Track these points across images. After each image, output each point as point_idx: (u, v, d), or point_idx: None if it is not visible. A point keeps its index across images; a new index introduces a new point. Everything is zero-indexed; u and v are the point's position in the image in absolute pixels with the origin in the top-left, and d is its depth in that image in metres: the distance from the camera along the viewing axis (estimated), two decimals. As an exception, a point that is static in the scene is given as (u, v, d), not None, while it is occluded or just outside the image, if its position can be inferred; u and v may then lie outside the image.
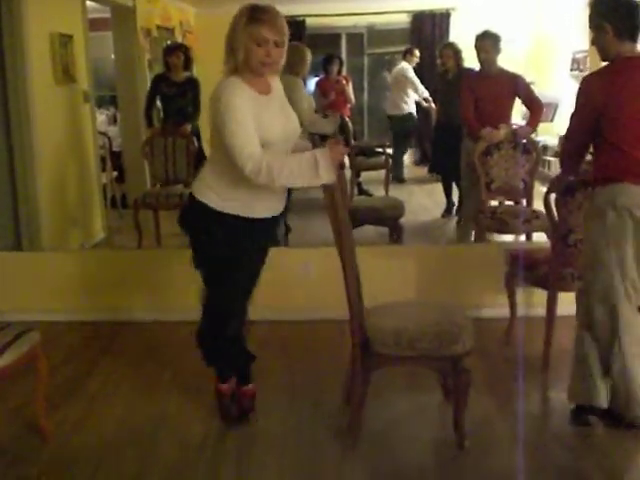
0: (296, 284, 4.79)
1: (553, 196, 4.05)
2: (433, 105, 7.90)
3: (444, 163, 6.70)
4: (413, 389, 3.92)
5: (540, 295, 4.25)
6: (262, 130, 3.13)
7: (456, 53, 6.51)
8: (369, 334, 3.24)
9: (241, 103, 3.08)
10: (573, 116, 3.43)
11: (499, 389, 3.91)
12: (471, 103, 5.63)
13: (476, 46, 5.62)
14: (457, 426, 3.32)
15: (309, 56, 5.80)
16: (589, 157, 3.58)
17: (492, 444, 3.39)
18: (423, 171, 8.42)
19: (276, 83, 3.36)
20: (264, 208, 3.32)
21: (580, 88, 3.39)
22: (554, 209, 4.05)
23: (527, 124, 5.68)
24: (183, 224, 3.43)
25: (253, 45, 3.10)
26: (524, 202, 5.53)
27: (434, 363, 3.31)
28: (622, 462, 3.28)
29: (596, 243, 3.40)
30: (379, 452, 3.32)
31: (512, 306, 4.54)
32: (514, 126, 5.59)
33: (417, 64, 8.34)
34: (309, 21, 8.54)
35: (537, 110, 5.66)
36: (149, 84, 7.15)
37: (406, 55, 8.40)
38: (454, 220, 6.69)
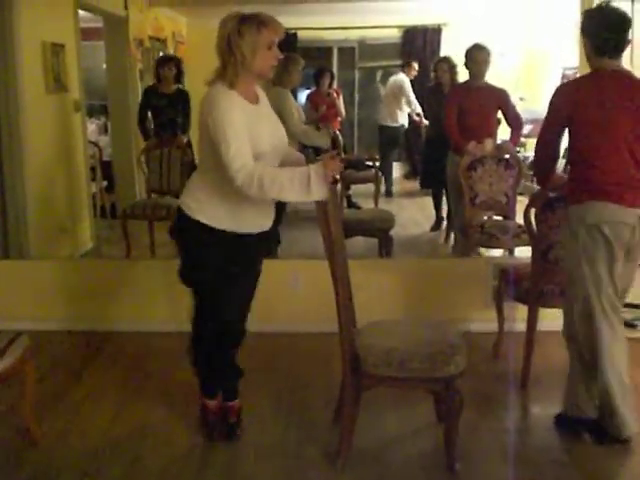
0: (284, 296, 4.78)
1: (534, 211, 4.06)
2: (425, 120, 7.93)
3: (434, 177, 6.71)
4: (405, 407, 3.86)
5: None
6: (254, 141, 3.12)
7: (451, 68, 6.51)
8: (359, 353, 3.17)
9: (236, 113, 3.07)
10: (543, 123, 3.48)
11: (486, 404, 3.90)
12: (455, 116, 5.66)
13: (467, 58, 5.66)
14: (448, 449, 3.23)
15: (299, 66, 5.79)
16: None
17: (480, 460, 3.36)
18: (412, 185, 8.45)
19: (261, 93, 3.36)
20: (252, 224, 3.31)
21: (551, 97, 3.43)
22: (534, 224, 4.06)
23: (510, 140, 5.71)
24: (174, 236, 3.42)
25: (264, 50, 3.12)
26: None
27: (426, 384, 3.24)
28: (610, 477, 3.29)
29: (572, 261, 3.44)
30: (368, 473, 3.27)
31: (500, 321, 4.54)
32: (499, 141, 5.63)
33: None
34: (301, 34, 8.59)
35: (518, 127, 5.76)
36: (140, 94, 7.16)
37: (405, 68, 8.43)
38: (443, 234, 6.70)
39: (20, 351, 3.35)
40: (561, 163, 6.07)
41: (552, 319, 4.11)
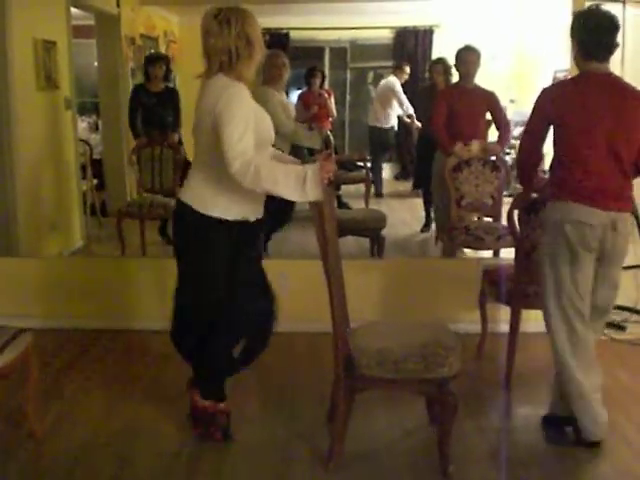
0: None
1: (517, 213, 4.08)
2: (417, 122, 7.95)
3: (426, 178, 6.73)
4: (397, 408, 3.85)
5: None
6: (260, 127, 3.15)
7: (447, 69, 6.51)
8: (353, 355, 3.14)
9: (245, 102, 3.10)
10: (527, 123, 3.50)
11: (471, 404, 3.88)
12: (444, 117, 5.67)
13: (457, 59, 5.68)
14: (442, 452, 3.20)
15: (283, 58, 5.74)
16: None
17: (470, 461, 3.36)
18: (403, 186, 8.47)
19: None
20: (251, 209, 3.30)
21: (536, 99, 3.45)
22: (517, 226, 4.07)
23: (497, 143, 5.73)
24: (172, 232, 3.40)
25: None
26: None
27: (419, 386, 3.20)
28: (596, 478, 3.30)
29: (540, 258, 3.48)
30: (359, 474, 3.25)
31: (483, 322, 4.56)
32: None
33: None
34: (293, 34, 8.61)
35: (505, 131, 5.76)
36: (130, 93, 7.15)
37: (396, 70, 8.45)
38: (433, 235, 6.71)
39: (23, 347, 3.35)
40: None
41: (536, 320, 4.14)
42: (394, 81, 8.34)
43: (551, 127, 3.38)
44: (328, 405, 3.59)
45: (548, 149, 3.61)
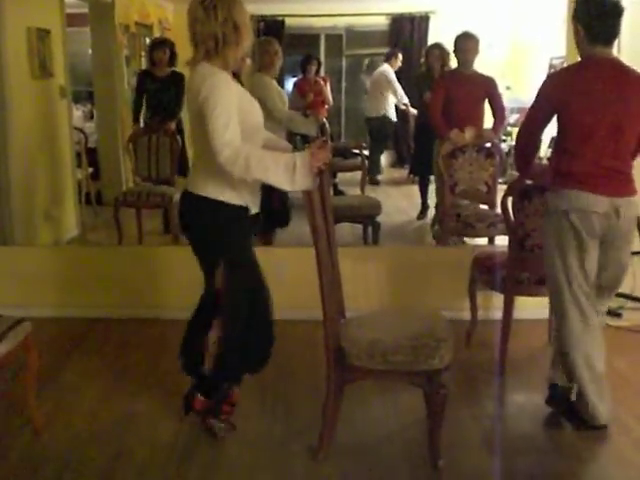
0: (271, 283, 4.77)
1: (511, 200, 4.07)
2: (412, 109, 7.92)
3: (423, 164, 6.72)
4: (392, 399, 3.85)
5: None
6: (246, 116, 3.12)
7: (443, 54, 6.50)
8: (343, 345, 3.12)
9: (228, 90, 3.07)
10: (529, 110, 3.48)
11: (465, 392, 3.91)
12: (441, 103, 5.65)
13: (455, 46, 5.66)
14: (432, 444, 3.20)
15: (276, 46, 5.69)
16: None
17: (463, 449, 3.37)
18: (399, 173, 8.45)
19: None
20: (253, 202, 3.29)
21: (540, 86, 3.43)
22: (511, 213, 4.07)
23: (492, 129, 5.71)
24: (186, 226, 3.36)
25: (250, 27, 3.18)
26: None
27: (409, 378, 3.19)
28: (593, 465, 3.32)
29: (546, 248, 3.48)
30: (352, 465, 3.25)
31: (473, 309, 4.56)
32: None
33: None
34: (288, 21, 8.54)
35: (501, 117, 5.74)
36: (126, 80, 7.12)
37: (390, 58, 8.42)
38: (429, 222, 6.70)
39: (21, 337, 3.34)
40: (547, 152, 6.12)
41: (526, 307, 4.14)
42: (388, 70, 8.31)
43: (554, 115, 3.37)
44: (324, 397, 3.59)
45: (544, 137, 3.62)
